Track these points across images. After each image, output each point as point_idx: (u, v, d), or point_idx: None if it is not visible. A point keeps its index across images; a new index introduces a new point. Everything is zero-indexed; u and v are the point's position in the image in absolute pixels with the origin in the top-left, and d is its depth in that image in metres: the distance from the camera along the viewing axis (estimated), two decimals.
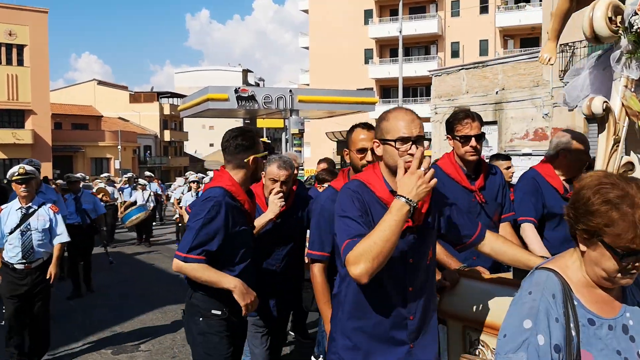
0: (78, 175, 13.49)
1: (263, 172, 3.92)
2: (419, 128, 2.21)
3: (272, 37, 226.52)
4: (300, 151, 24.58)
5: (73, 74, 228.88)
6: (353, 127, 3.14)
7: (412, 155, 2.12)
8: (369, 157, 2.95)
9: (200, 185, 13.01)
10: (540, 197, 3.50)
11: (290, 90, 23.96)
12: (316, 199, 3.13)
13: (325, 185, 4.96)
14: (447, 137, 3.36)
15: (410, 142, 2.17)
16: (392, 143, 2.20)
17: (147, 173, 18.12)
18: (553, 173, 3.56)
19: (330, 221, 2.60)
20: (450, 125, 3.30)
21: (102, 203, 10.24)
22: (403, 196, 2.04)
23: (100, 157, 49.66)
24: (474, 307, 2.62)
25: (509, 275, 2.79)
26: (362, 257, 2.00)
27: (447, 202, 2.45)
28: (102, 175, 17.74)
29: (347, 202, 2.22)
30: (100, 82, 62.68)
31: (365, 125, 3.06)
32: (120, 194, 15.69)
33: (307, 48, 48.82)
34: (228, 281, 2.99)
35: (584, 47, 17.68)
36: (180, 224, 13.19)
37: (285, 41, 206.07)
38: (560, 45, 18.10)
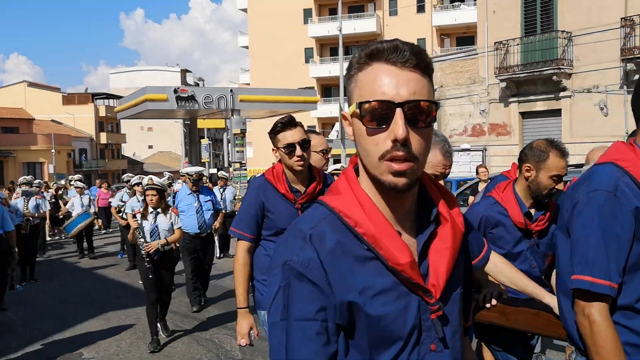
0: (23, 178, 11.94)
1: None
2: None
3: (210, 36, 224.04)
4: (242, 151, 24.38)
5: (1, 76, 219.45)
6: None
7: None
8: None
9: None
10: None
11: (231, 90, 23.77)
12: (574, 195, 1.82)
13: None
14: None
15: None
16: None
17: (77, 176, 15.62)
18: None
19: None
20: None
21: (16, 218, 8.50)
22: None
23: (33, 161, 47.62)
24: None
25: None
26: None
27: None
28: (34, 182, 12.95)
29: None
30: (30, 84, 60.11)
31: None
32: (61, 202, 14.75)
33: (246, 47, 48.40)
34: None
35: (517, 44, 18.29)
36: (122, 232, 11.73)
37: (223, 40, 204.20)
38: (495, 43, 18.69)
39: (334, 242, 1.17)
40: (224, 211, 9.97)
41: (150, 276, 5.95)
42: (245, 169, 24.85)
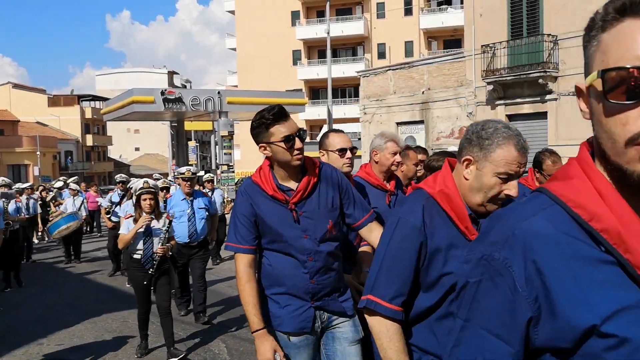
0: (1, 180, 11.45)
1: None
2: None
3: (197, 38, 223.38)
4: (230, 154, 24.33)
5: None
6: None
7: None
8: None
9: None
10: None
11: (219, 92, 23.75)
12: None
13: None
14: None
15: None
16: None
17: (74, 178, 15.75)
18: None
19: None
20: None
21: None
22: None
23: (18, 163, 47.22)
24: None
25: None
26: None
27: None
28: (14, 184, 12.54)
29: None
30: (15, 85, 59.63)
31: None
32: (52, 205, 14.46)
33: (234, 49, 48.35)
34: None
35: (504, 47, 18.40)
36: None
37: (211, 42, 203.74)
38: (482, 46, 18.79)
39: (555, 240, 0.92)
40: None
41: (145, 283, 5.65)
42: (233, 171, 24.79)
